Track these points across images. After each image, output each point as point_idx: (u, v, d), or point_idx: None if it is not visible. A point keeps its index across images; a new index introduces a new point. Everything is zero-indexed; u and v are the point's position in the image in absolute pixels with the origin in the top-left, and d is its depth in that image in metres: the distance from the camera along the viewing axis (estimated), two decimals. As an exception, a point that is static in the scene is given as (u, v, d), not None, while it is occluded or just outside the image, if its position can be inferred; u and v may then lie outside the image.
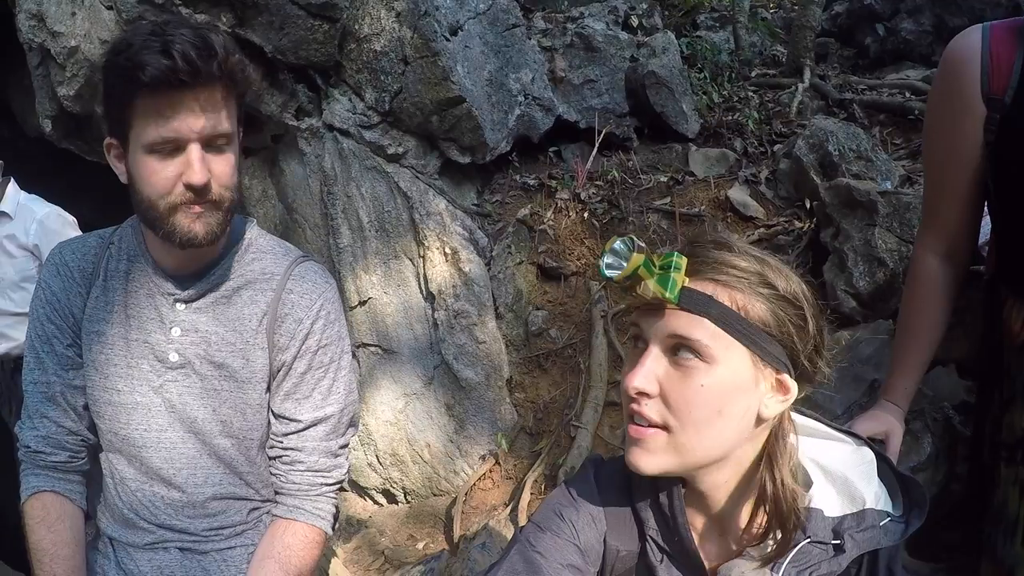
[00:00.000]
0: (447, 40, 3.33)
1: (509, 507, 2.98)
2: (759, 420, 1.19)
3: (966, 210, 1.81)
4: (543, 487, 2.96)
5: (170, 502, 1.63)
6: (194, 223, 1.45)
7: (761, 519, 1.25)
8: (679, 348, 1.15)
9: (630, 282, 1.14)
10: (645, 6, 4.89)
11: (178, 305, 1.59)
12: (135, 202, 1.49)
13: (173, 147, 1.41)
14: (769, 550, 1.23)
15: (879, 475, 1.30)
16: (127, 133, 1.44)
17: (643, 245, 1.15)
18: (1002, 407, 1.75)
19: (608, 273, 1.15)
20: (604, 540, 1.33)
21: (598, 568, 1.33)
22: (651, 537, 1.29)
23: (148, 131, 1.40)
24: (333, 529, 1.73)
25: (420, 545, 3.16)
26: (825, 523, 1.23)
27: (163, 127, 1.39)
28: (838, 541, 1.21)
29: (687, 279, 1.14)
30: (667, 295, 1.13)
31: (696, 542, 1.26)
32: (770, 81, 4.62)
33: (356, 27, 3.27)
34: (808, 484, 1.26)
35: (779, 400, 1.19)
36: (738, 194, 3.38)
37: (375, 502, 3.49)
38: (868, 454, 1.32)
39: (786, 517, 1.20)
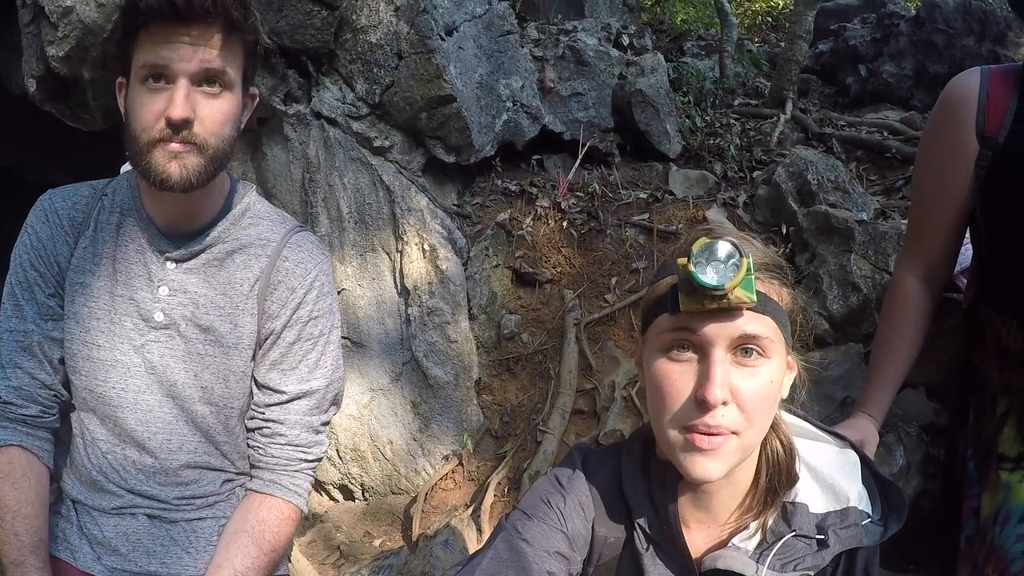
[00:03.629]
0: (442, 39, 3.34)
1: (471, 508, 2.96)
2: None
3: (948, 238, 1.93)
4: (506, 490, 2.95)
5: (141, 467, 1.58)
6: (169, 163, 1.41)
7: (749, 507, 1.29)
8: (743, 348, 1.14)
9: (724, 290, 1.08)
10: (635, 28, 4.95)
11: (168, 264, 1.56)
12: (126, 140, 1.47)
13: (164, 80, 1.40)
14: (755, 542, 1.26)
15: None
16: (129, 67, 1.43)
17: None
18: (993, 421, 1.82)
19: (712, 280, 1.08)
20: (592, 527, 1.33)
21: (585, 555, 1.33)
22: (639, 525, 1.30)
23: (141, 58, 1.40)
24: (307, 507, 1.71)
25: (376, 542, 3.13)
26: (810, 518, 1.26)
27: (153, 54, 1.38)
28: (822, 536, 1.25)
29: None
30: (751, 298, 1.11)
31: (684, 532, 1.27)
32: (752, 110, 4.70)
33: (354, 17, 3.27)
34: (794, 481, 1.29)
35: (789, 378, 1.24)
36: (716, 216, 3.41)
37: (331, 498, 3.44)
38: (852, 456, 1.35)
39: (787, 477, 1.26)
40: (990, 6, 5.17)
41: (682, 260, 1.12)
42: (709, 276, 1.08)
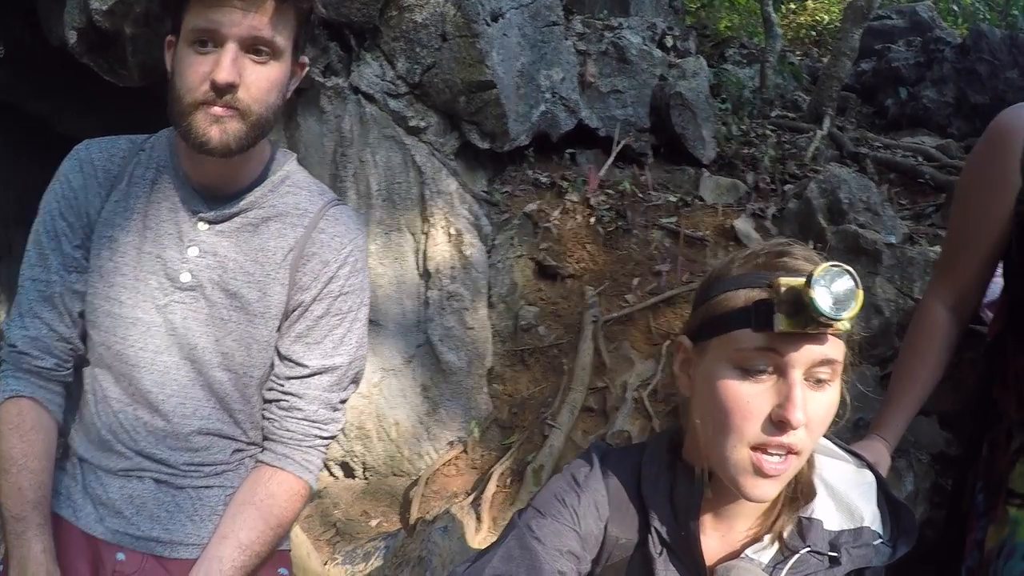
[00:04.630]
0: (487, 24, 3.34)
1: (472, 497, 2.96)
2: None
3: (981, 269, 1.93)
4: (509, 481, 2.95)
5: (152, 429, 1.54)
6: (210, 126, 1.40)
7: (767, 519, 1.28)
8: (817, 371, 1.13)
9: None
10: (680, 30, 4.93)
11: (200, 224, 1.53)
12: (169, 99, 1.45)
13: (213, 43, 1.38)
14: (769, 554, 1.26)
15: None
16: (180, 28, 1.42)
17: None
18: (1007, 456, 1.82)
19: (831, 310, 1.06)
20: (605, 527, 1.31)
21: (595, 555, 1.32)
22: (655, 529, 1.28)
23: (191, 22, 1.39)
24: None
25: (373, 523, 3.12)
26: (824, 535, 1.26)
27: (204, 18, 1.37)
28: (835, 554, 1.25)
29: None
30: (848, 328, 1.11)
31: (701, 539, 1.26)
32: (789, 123, 4.68)
33: (402, -6, 3.27)
34: (812, 496, 1.29)
35: None
36: (744, 225, 3.40)
37: (331, 474, 3.44)
38: (869, 476, 1.36)
39: (807, 490, 1.27)
40: (1038, 40, 5.11)
41: (793, 281, 1.10)
42: (828, 305, 1.06)
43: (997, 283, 2.01)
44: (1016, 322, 1.86)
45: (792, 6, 7.70)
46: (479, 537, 2.78)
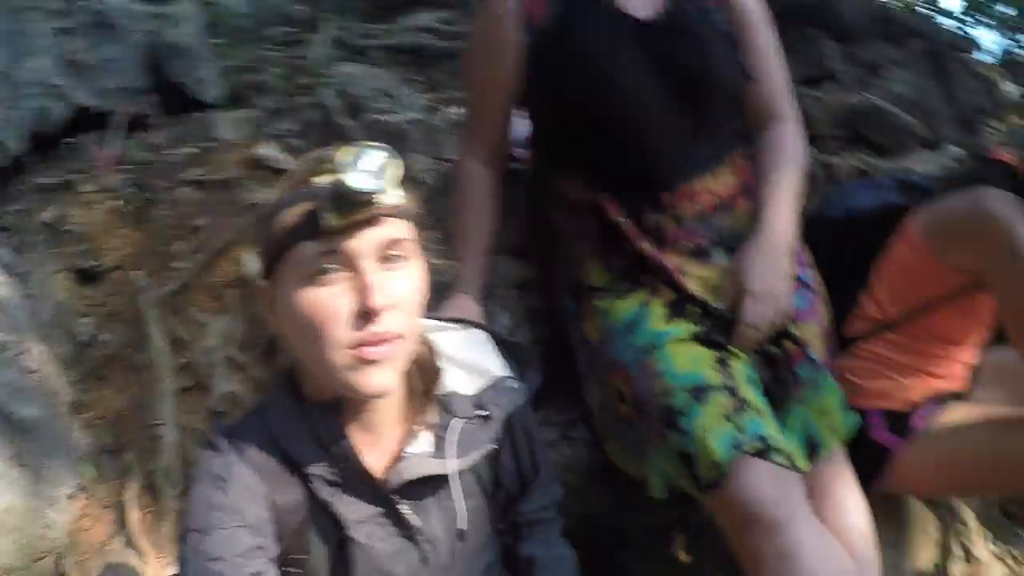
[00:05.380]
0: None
1: (122, 535, 2.76)
2: None
3: (504, 121, 2.20)
4: (149, 499, 2.79)
5: None
6: None
7: (408, 413, 1.34)
8: (390, 254, 1.16)
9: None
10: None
11: None
12: None
13: None
14: (427, 443, 1.32)
15: None
16: None
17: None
18: (578, 262, 2.10)
19: (371, 185, 1.07)
20: (272, 503, 1.26)
21: (275, 533, 1.27)
22: (314, 475, 1.26)
23: None
24: None
25: (45, 620, 2.81)
26: (466, 401, 1.36)
27: None
28: (485, 412, 1.34)
29: None
30: (402, 198, 1.17)
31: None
32: (291, 38, 4.70)
33: None
34: (438, 374, 1.36)
35: None
36: (268, 151, 3.37)
37: (-28, 601, 3.03)
38: (479, 333, 1.51)
39: (433, 372, 1.34)
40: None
41: (326, 177, 1.12)
42: (365, 182, 1.08)
43: (519, 123, 2.24)
44: (548, 154, 2.13)
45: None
46: (151, 569, 2.66)
